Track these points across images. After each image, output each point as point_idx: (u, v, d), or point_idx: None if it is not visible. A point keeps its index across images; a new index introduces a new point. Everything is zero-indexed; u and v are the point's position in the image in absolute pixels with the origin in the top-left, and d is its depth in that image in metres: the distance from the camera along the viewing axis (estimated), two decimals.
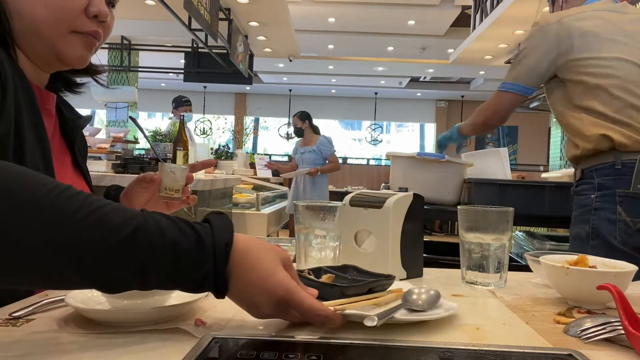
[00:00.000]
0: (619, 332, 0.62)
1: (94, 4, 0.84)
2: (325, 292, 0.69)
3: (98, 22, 0.86)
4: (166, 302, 0.69)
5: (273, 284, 0.60)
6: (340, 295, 0.69)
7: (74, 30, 0.84)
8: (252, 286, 0.60)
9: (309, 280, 0.73)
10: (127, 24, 6.85)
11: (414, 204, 0.99)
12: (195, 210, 2.54)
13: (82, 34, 0.85)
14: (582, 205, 1.57)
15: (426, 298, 0.72)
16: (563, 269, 0.80)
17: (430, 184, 2.22)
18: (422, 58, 9.71)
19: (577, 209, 1.60)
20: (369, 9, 7.47)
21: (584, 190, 1.58)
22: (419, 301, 0.71)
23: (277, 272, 0.61)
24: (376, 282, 0.75)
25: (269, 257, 0.62)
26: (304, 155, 5.16)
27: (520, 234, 3.02)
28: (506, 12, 4.53)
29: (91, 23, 0.85)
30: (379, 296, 0.73)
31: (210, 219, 0.61)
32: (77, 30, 0.84)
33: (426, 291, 0.73)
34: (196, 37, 4.60)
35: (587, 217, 1.53)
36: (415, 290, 0.73)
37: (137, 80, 7.91)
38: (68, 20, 0.82)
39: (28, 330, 0.62)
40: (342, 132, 13.97)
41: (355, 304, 0.68)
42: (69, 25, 0.83)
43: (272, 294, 0.60)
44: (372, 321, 0.59)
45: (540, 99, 4.61)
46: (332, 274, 0.78)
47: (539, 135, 12.00)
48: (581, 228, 1.55)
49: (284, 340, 0.60)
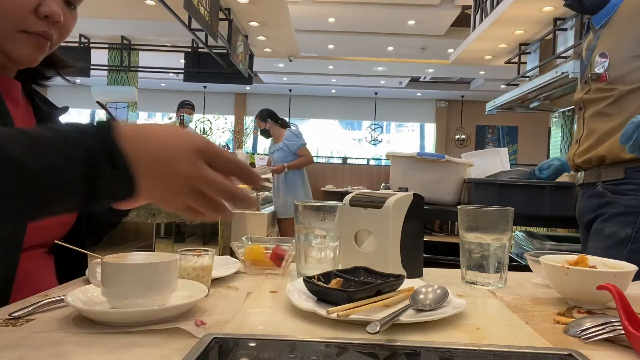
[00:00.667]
0: (619, 332, 0.62)
1: (46, 4, 0.82)
2: (334, 297, 0.69)
3: (50, 23, 0.84)
4: (166, 302, 0.69)
5: (186, 139, 0.57)
6: (347, 300, 0.69)
7: (22, 30, 0.82)
8: (161, 154, 0.56)
9: (317, 286, 0.73)
10: (127, 24, 6.85)
11: (414, 204, 0.99)
12: None
13: (31, 34, 0.83)
14: (628, 205, 1.50)
15: (433, 297, 0.72)
16: (563, 269, 0.80)
17: (430, 184, 2.22)
18: (422, 58, 9.70)
19: (617, 208, 1.52)
20: (369, 9, 7.47)
21: (629, 191, 1.51)
22: (426, 301, 0.71)
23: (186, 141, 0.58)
24: (384, 283, 0.75)
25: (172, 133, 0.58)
26: (274, 154, 4.73)
27: (520, 234, 3.02)
28: (506, 12, 4.53)
29: (41, 23, 0.83)
30: (389, 297, 0.73)
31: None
32: (25, 30, 0.82)
33: (433, 290, 0.73)
34: (196, 37, 4.60)
35: (631, 219, 1.47)
36: (423, 289, 0.73)
37: (137, 80, 7.90)
38: (15, 19, 0.81)
39: (28, 330, 0.62)
40: (342, 132, 13.97)
41: (363, 308, 0.68)
42: (15, 24, 0.81)
43: (189, 145, 0.56)
44: (374, 327, 0.59)
45: (540, 99, 4.61)
46: (341, 278, 0.78)
47: (539, 135, 12.00)
48: (621, 228, 1.49)
49: (284, 340, 0.60)
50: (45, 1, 0.82)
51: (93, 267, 0.74)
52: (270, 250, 1.00)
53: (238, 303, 0.77)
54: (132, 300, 0.67)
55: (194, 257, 0.83)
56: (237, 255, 1.03)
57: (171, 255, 0.73)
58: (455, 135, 12.80)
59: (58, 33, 0.87)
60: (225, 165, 0.59)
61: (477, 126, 12.89)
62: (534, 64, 5.09)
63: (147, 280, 0.68)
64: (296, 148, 4.59)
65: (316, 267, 0.96)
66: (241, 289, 0.87)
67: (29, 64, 0.88)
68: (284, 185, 4.62)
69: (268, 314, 0.76)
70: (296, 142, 4.60)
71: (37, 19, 0.83)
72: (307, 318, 0.70)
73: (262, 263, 1.00)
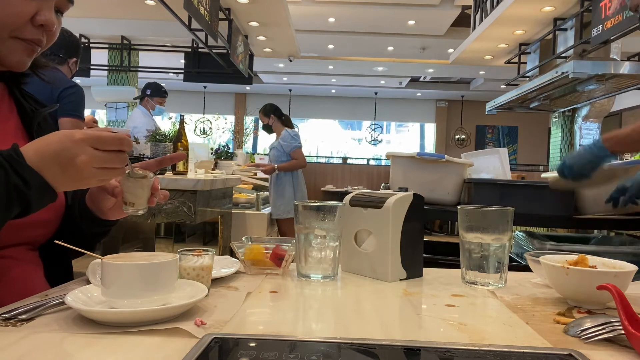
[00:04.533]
0: (619, 332, 0.62)
1: (42, 14, 0.84)
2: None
3: (43, 31, 0.86)
4: (166, 302, 0.69)
5: (70, 136, 0.72)
6: None
7: (15, 36, 0.83)
8: (59, 156, 0.72)
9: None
10: (127, 24, 6.84)
11: (414, 204, 0.99)
12: (195, 210, 2.55)
13: (25, 40, 0.84)
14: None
15: None
16: (563, 269, 0.80)
17: (430, 184, 2.22)
18: (422, 58, 9.70)
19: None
20: (369, 9, 7.47)
21: None
22: None
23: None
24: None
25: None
26: (270, 152, 4.64)
27: (520, 234, 3.02)
28: (506, 12, 4.53)
29: (36, 31, 0.85)
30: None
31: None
32: (19, 36, 0.84)
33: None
34: (196, 37, 4.59)
35: None
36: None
37: (137, 80, 7.89)
38: (11, 26, 0.82)
39: (28, 330, 0.62)
40: (342, 132, 13.97)
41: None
42: (11, 31, 0.83)
43: (74, 140, 0.72)
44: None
45: (540, 99, 4.61)
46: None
47: (539, 135, 12.01)
48: None
49: (284, 340, 0.60)
50: (42, 10, 0.84)
51: (93, 267, 0.74)
52: (270, 250, 1.00)
53: (238, 303, 0.77)
54: (132, 300, 0.67)
55: (194, 257, 0.83)
56: (237, 255, 1.03)
57: (171, 255, 0.73)
58: (455, 135, 12.80)
59: (47, 39, 0.89)
60: (107, 143, 0.74)
61: (477, 126, 12.89)
62: (534, 64, 5.09)
63: (147, 280, 0.68)
64: (290, 150, 4.49)
65: (316, 267, 0.96)
66: (241, 289, 0.87)
67: (19, 69, 0.89)
68: (274, 186, 4.54)
69: (268, 314, 0.76)
70: (290, 144, 4.49)
71: (33, 27, 0.84)
72: (307, 318, 0.70)
73: (262, 263, 1.00)
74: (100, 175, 0.75)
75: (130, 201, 0.86)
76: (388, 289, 0.91)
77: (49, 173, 0.73)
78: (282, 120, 4.61)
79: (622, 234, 2.45)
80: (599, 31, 3.47)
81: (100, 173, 0.75)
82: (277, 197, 4.46)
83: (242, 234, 3.54)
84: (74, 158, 0.72)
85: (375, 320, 0.72)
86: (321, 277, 0.96)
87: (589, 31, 3.67)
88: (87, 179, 0.75)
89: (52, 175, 0.73)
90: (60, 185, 0.75)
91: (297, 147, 4.51)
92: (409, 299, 0.84)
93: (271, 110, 4.61)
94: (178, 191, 2.52)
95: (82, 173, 0.73)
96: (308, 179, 4.83)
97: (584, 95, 4.33)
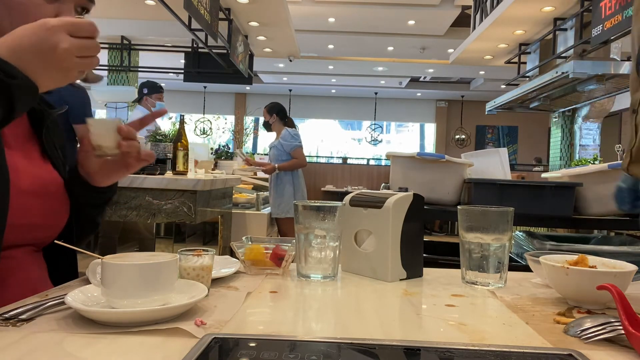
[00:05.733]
0: (619, 332, 0.62)
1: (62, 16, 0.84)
2: None
3: None
4: (166, 302, 0.69)
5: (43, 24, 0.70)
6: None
7: None
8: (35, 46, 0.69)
9: None
10: (127, 24, 6.85)
11: (414, 204, 0.99)
12: (195, 210, 2.54)
13: None
14: None
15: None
16: (563, 269, 0.80)
17: (430, 184, 2.22)
18: (422, 58, 9.71)
19: None
20: (369, 9, 7.47)
21: None
22: None
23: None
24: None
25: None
26: (270, 152, 4.66)
27: (520, 234, 3.02)
28: (506, 12, 4.53)
29: None
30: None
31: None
32: None
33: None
34: (196, 37, 4.59)
35: None
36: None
37: (137, 80, 7.89)
38: None
39: (28, 330, 0.62)
40: (342, 132, 13.98)
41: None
42: None
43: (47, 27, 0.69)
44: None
45: (540, 99, 4.62)
46: None
47: (539, 135, 12.01)
48: None
49: (284, 340, 0.60)
50: (62, 13, 0.85)
51: (93, 267, 0.74)
52: (270, 250, 1.00)
53: (238, 303, 0.77)
54: (132, 300, 0.67)
55: (194, 257, 0.83)
56: (237, 255, 1.03)
57: (171, 255, 0.73)
58: (455, 135, 12.81)
59: None
60: (83, 29, 0.72)
61: (477, 126, 12.90)
62: (534, 64, 5.10)
63: (147, 280, 0.68)
64: (290, 149, 4.50)
65: (316, 267, 0.96)
66: (241, 289, 0.87)
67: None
68: (274, 185, 4.54)
69: (268, 314, 0.76)
70: (291, 143, 4.49)
71: None
72: (307, 318, 0.70)
73: (262, 263, 1.00)
74: (81, 64, 0.74)
75: (98, 144, 0.87)
76: (388, 289, 0.91)
77: (29, 68, 0.70)
78: (284, 122, 4.62)
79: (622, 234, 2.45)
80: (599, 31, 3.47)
81: (80, 63, 0.73)
82: (277, 197, 4.46)
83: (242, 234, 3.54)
84: (54, 48, 0.70)
85: (375, 320, 0.72)
86: (321, 277, 0.96)
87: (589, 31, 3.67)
88: (68, 70, 0.73)
89: (33, 70, 0.70)
90: (41, 78, 0.72)
91: (298, 146, 4.53)
92: (409, 299, 0.84)
93: (275, 109, 4.62)
94: (178, 191, 2.52)
95: (63, 63, 0.71)
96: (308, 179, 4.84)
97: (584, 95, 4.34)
